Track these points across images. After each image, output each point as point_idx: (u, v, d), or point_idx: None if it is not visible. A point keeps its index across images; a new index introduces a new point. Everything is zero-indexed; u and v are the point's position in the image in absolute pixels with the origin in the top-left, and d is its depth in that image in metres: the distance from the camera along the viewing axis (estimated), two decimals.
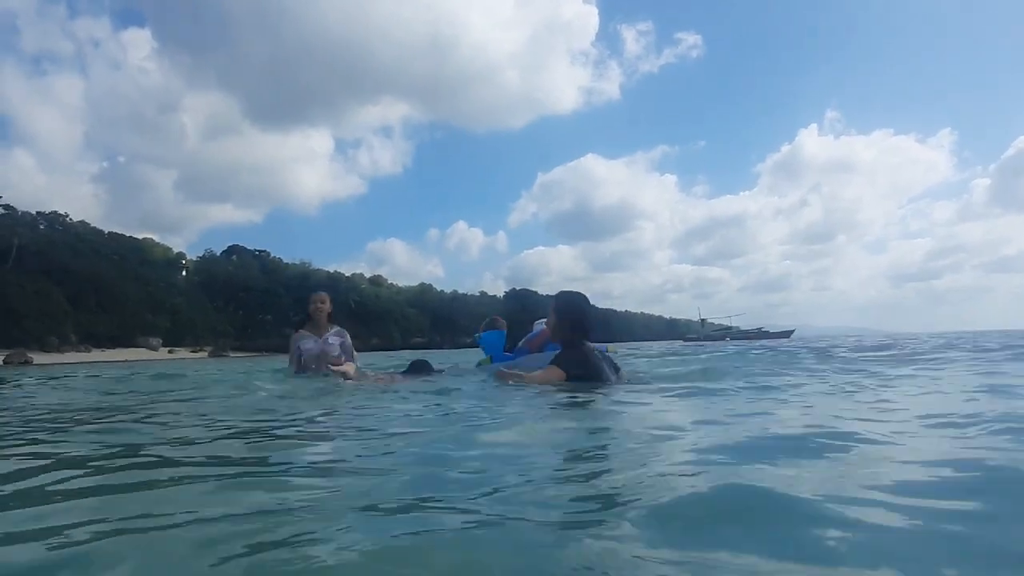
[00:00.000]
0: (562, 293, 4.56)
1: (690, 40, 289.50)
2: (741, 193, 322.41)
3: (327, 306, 5.83)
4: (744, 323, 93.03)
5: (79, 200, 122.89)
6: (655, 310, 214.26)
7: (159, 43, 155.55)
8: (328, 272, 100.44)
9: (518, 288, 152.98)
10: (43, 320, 50.34)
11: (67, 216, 70.72)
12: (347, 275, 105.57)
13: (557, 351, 4.46)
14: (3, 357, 38.69)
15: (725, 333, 73.00)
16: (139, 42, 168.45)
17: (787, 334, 63.60)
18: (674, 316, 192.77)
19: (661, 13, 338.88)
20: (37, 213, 66.83)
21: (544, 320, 5.50)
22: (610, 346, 5.80)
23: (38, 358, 40.66)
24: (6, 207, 63.92)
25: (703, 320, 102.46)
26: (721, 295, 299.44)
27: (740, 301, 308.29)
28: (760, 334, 68.14)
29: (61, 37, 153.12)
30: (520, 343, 5.83)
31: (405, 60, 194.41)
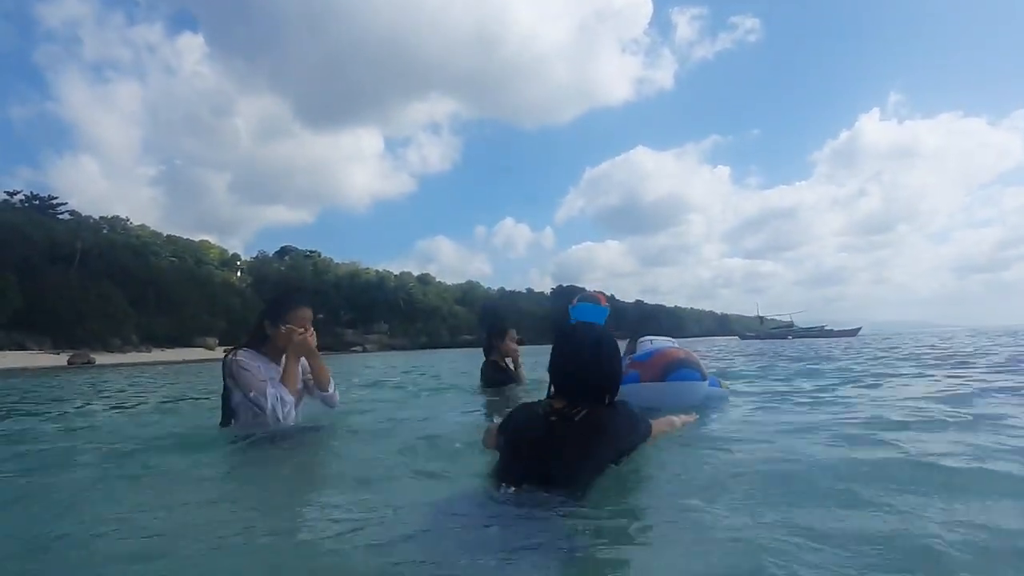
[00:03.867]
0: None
1: (748, 24, 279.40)
2: (796, 183, 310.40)
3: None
4: (803, 319, 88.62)
5: (139, 203, 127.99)
6: (705, 305, 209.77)
7: (212, 48, 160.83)
8: (377, 271, 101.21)
9: (565, 284, 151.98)
10: (106, 321, 51.68)
11: (127, 220, 73.20)
12: (396, 274, 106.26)
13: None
14: (68, 357, 39.64)
15: (787, 331, 69.54)
16: (193, 47, 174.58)
17: (853, 332, 60.00)
18: (725, 311, 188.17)
19: None
20: (100, 218, 69.22)
21: (655, 338, 4.30)
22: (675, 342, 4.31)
23: (100, 358, 41.56)
24: (71, 213, 66.46)
25: (761, 317, 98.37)
26: (774, 289, 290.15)
27: (794, 295, 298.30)
28: (823, 332, 64.79)
29: (120, 45, 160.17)
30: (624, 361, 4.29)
31: (452, 56, 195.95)
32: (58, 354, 42.22)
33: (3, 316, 45.43)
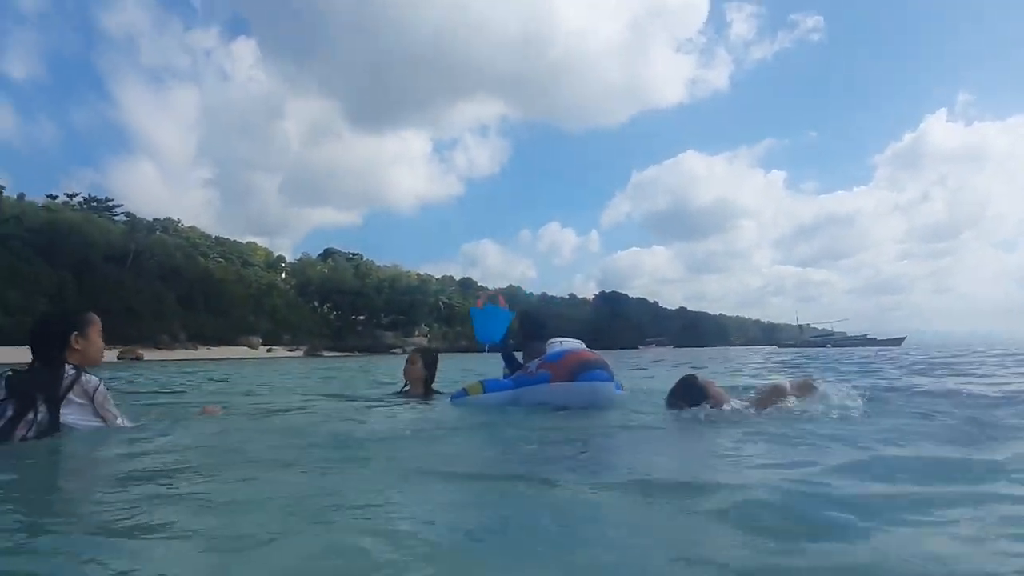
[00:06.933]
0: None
1: (809, 22, 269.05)
2: (855, 188, 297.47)
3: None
4: (851, 328, 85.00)
5: (192, 205, 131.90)
6: (753, 314, 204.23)
7: (264, 52, 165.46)
8: (418, 274, 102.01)
9: (608, 291, 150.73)
10: (156, 320, 53.47)
11: (179, 222, 75.65)
12: (437, 277, 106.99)
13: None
14: (117, 353, 40.99)
15: (826, 340, 66.71)
16: (247, 52, 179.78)
17: (897, 342, 57.01)
18: (772, 320, 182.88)
19: None
20: (153, 220, 71.63)
21: (564, 340, 4.36)
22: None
23: (149, 354, 42.88)
24: (127, 215, 69.08)
25: (801, 325, 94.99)
26: (827, 298, 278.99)
27: (849, 304, 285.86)
28: (866, 341, 62.04)
29: (177, 50, 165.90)
30: (531, 363, 4.21)
31: (500, 57, 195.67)
32: (109, 349, 43.68)
33: (60, 312, 47.31)
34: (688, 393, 3.61)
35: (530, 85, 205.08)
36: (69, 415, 2.80)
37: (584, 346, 4.30)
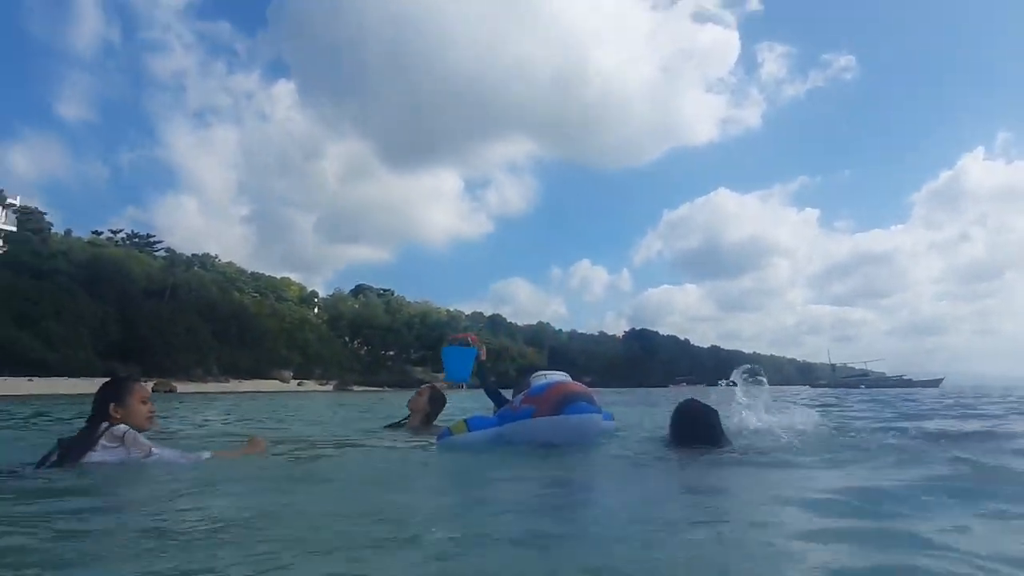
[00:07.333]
0: None
1: (841, 61, 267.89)
2: (891, 227, 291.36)
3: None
4: (889, 368, 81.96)
5: (231, 241, 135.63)
6: (789, 353, 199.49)
7: (303, 94, 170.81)
8: (448, 311, 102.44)
9: (638, 328, 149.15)
10: (191, 352, 54.33)
11: (216, 257, 77.62)
12: (467, 313, 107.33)
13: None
14: (151, 385, 41.65)
15: (860, 380, 64.34)
16: (286, 94, 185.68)
17: (935, 383, 54.56)
18: (808, 359, 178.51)
19: (809, 34, 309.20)
20: (192, 255, 73.63)
21: (549, 372, 4.31)
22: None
23: (182, 387, 43.44)
24: (167, 250, 71.13)
25: (833, 364, 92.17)
26: (866, 338, 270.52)
27: (887, 345, 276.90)
28: (902, 382, 59.65)
29: (220, 92, 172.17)
30: (516, 398, 4.12)
31: (533, 98, 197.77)
32: (145, 381, 44.44)
33: (101, 345, 48.66)
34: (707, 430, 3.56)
35: (563, 125, 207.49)
36: (95, 456, 3.09)
37: (569, 378, 4.20)
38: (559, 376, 4.17)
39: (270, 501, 2.39)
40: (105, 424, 3.19)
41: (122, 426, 3.17)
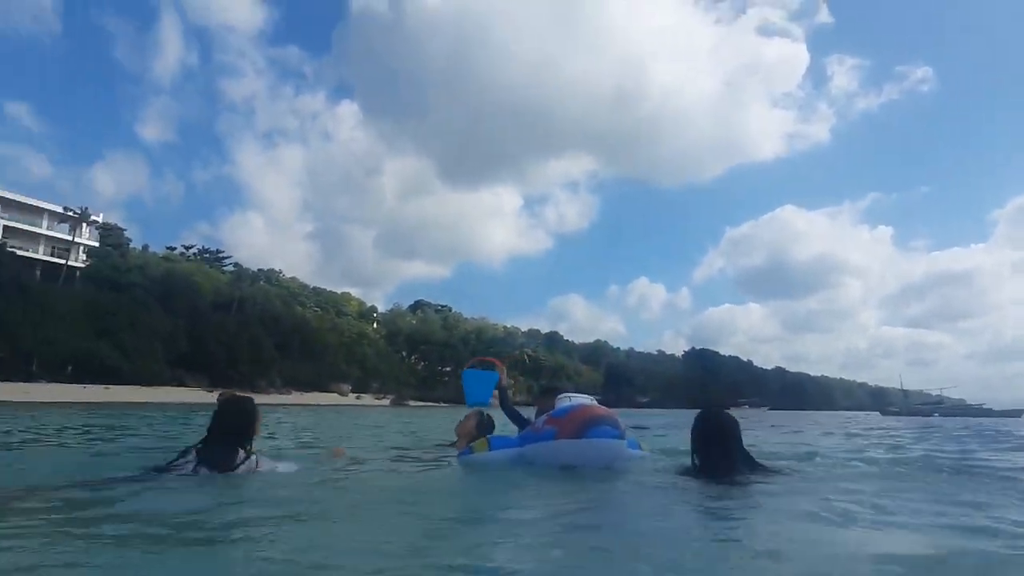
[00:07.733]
0: None
1: (918, 73, 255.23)
2: (972, 246, 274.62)
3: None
4: (968, 395, 76.13)
5: (295, 257, 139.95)
6: (861, 376, 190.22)
7: (365, 114, 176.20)
8: (504, 327, 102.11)
9: (698, 347, 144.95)
10: (255, 364, 55.63)
11: (281, 272, 79.81)
12: (523, 330, 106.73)
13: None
14: (216, 396, 42.53)
15: (934, 408, 59.77)
16: (349, 114, 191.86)
17: (1017, 413, 49.84)
18: (881, 384, 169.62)
19: (882, 46, 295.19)
20: (258, 270, 75.88)
21: (573, 395, 4.23)
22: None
23: None
24: (235, 265, 73.49)
25: (905, 390, 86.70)
26: (944, 363, 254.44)
27: (965, 369, 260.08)
28: (980, 411, 54.98)
29: (287, 114, 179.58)
30: (538, 419, 4.10)
31: (591, 114, 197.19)
32: (210, 392, 45.56)
33: (171, 355, 50.33)
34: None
35: (621, 141, 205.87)
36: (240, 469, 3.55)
37: (595, 401, 4.17)
38: (584, 399, 4.15)
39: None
40: (243, 454, 3.51)
41: (252, 462, 3.51)
